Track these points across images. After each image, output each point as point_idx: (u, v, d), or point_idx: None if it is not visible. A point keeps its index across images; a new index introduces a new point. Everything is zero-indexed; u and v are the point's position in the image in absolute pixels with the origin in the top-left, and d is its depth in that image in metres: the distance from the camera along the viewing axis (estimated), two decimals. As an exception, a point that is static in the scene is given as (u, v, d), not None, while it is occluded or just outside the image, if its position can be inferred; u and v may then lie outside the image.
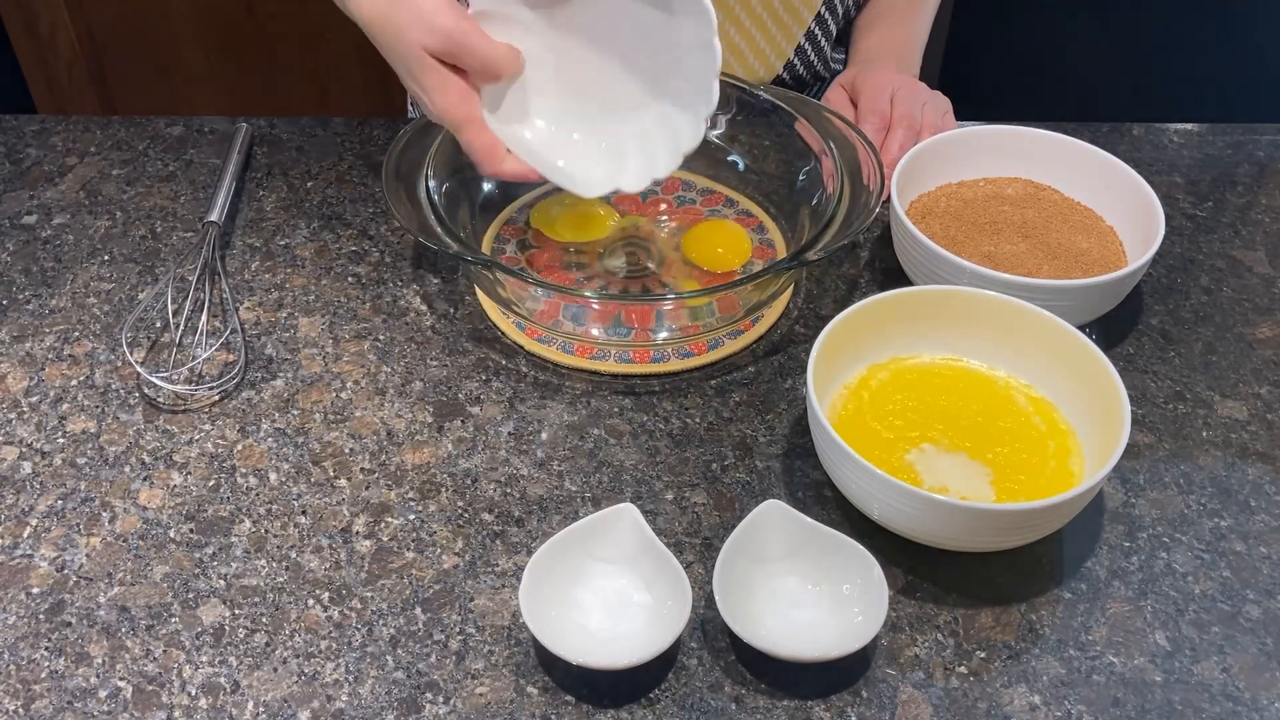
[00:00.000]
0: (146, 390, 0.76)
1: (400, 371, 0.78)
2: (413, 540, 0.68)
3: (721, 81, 0.92)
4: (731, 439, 0.74)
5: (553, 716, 0.60)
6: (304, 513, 0.69)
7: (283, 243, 0.88)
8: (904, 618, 0.64)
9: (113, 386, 0.77)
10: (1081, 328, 0.72)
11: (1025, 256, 0.81)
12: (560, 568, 0.63)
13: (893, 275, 0.87)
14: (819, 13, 0.98)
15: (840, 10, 1.02)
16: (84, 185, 0.93)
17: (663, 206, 0.90)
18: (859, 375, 0.74)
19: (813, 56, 1.01)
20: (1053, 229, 0.84)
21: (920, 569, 0.66)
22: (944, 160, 0.87)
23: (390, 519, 0.69)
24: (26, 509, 0.69)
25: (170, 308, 0.81)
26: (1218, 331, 0.83)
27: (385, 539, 0.68)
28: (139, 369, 0.76)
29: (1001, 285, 0.74)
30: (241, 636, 0.63)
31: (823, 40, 1.01)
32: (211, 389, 0.76)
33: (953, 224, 0.84)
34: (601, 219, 0.88)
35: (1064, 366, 0.71)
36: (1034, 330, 0.72)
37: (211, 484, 0.71)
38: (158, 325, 0.81)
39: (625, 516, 0.64)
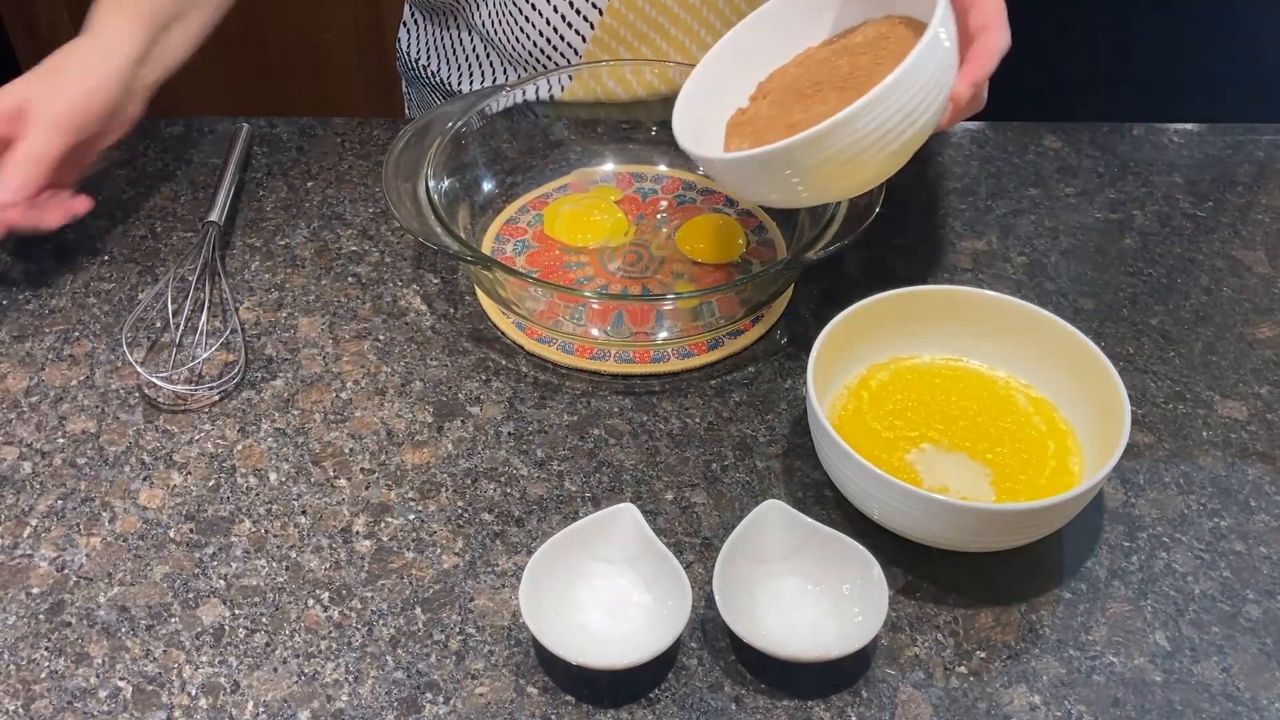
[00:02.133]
0: (146, 390, 0.76)
1: (400, 371, 0.78)
2: (413, 540, 0.68)
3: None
4: (731, 439, 0.74)
5: (553, 716, 0.60)
6: (304, 513, 0.69)
7: (283, 243, 0.88)
8: (904, 618, 0.64)
9: (113, 386, 0.76)
10: (1082, 328, 0.71)
11: None
12: (560, 568, 0.63)
13: (893, 275, 0.87)
14: None
15: None
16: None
17: (663, 204, 0.90)
18: (859, 375, 0.74)
19: None
20: None
21: (920, 569, 0.66)
22: None
23: (390, 519, 0.69)
24: (26, 509, 0.69)
25: (170, 308, 0.81)
26: (1218, 331, 0.83)
27: (385, 539, 0.68)
28: (139, 369, 0.76)
29: None
30: (241, 636, 0.63)
31: None
32: (211, 389, 0.76)
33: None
34: (602, 223, 0.88)
35: (1064, 366, 0.71)
36: (1034, 330, 0.72)
37: (211, 484, 0.71)
38: (158, 325, 0.81)
39: (625, 516, 0.64)
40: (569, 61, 0.96)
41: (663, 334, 0.79)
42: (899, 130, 0.67)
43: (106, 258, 0.87)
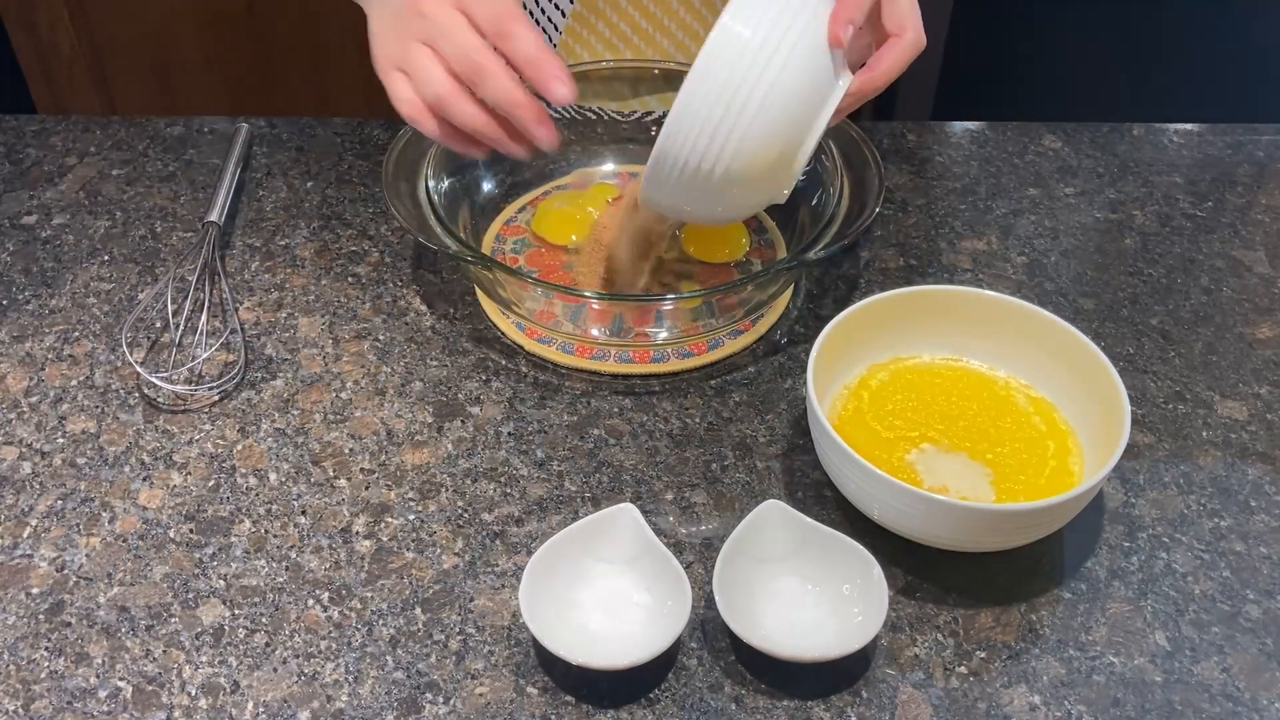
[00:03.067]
0: (146, 390, 0.76)
1: (400, 371, 0.78)
2: (413, 540, 0.68)
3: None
4: (731, 439, 0.74)
5: (553, 716, 0.60)
6: (304, 513, 0.69)
7: (283, 243, 0.88)
8: (904, 618, 0.64)
9: (113, 386, 0.76)
10: (1082, 328, 0.72)
11: None
12: (560, 568, 0.63)
13: (893, 275, 0.87)
14: None
15: None
16: (84, 185, 0.93)
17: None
18: (859, 375, 0.74)
19: None
20: None
21: (920, 569, 0.66)
22: None
23: (390, 519, 0.69)
24: (26, 509, 0.69)
25: (170, 308, 0.81)
26: (1218, 331, 0.83)
27: (385, 539, 0.68)
28: (139, 369, 0.76)
29: None
30: (241, 636, 0.63)
31: None
32: (211, 389, 0.76)
33: None
34: (592, 219, 0.88)
35: (1064, 366, 0.71)
36: (1034, 330, 0.72)
37: (211, 484, 0.71)
38: (158, 325, 0.81)
39: (625, 516, 0.64)
40: (549, 37, 0.96)
41: (663, 334, 0.79)
42: (756, 88, 0.65)
43: (106, 258, 0.87)
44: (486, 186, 0.90)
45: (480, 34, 0.68)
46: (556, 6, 0.96)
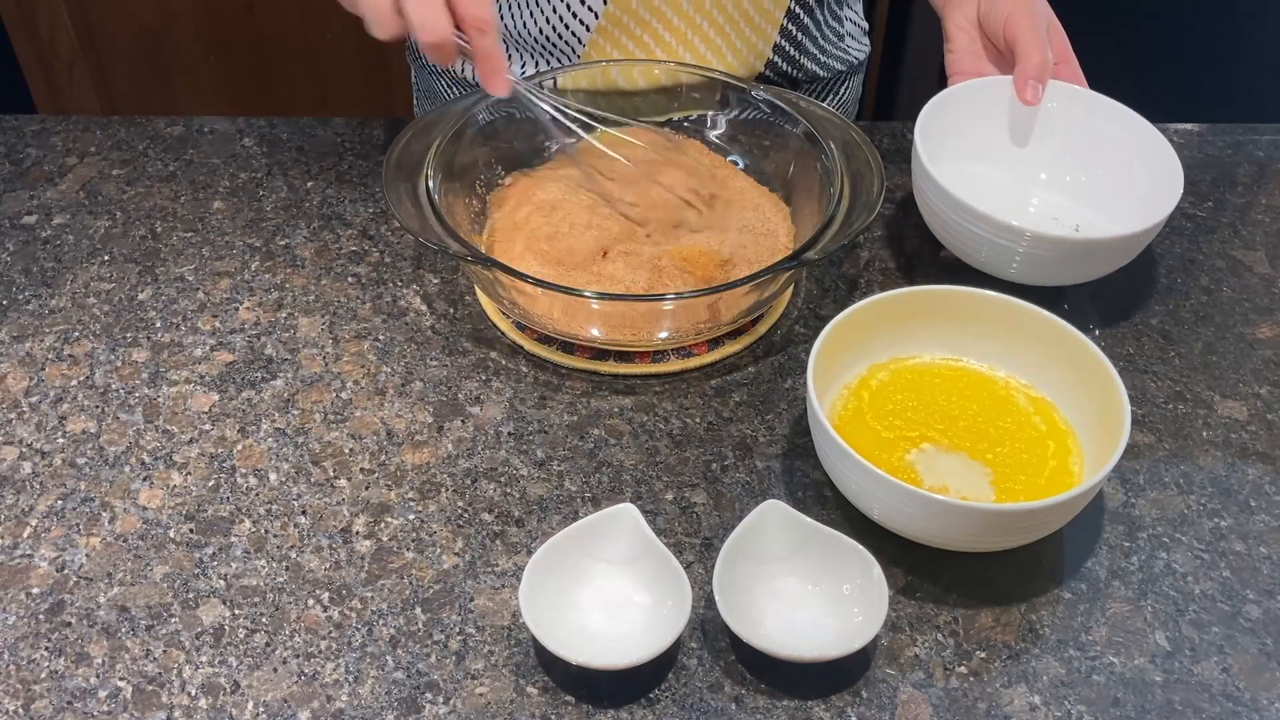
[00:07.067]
0: (147, 390, 0.76)
1: (400, 371, 0.78)
2: (413, 540, 0.68)
3: (721, 81, 0.92)
4: (731, 439, 0.74)
5: (553, 716, 0.60)
6: (304, 513, 0.69)
7: (283, 243, 0.88)
8: (904, 618, 0.64)
9: (113, 386, 0.77)
10: (1082, 328, 0.71)
11: None
12: (560, 568, 0.63)
13: (893, 275, 0.87)
14: (790, 9, 0.98)
15: (820, 8, 1.01)
16: (84, 185, 0.93)
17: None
18: (859, 375, 0.74)
19: (794, 53, 1.01)
20: None
21: (920, 569, 0.66)
22: None
23: (390, 519, 0.69)
24: (26, 509, 0.69)
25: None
26: (1218, 331, 0.83)
27: (385, 539, 0.68)
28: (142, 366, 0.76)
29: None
30: (241, 636, 0.63)
31: (801, 37, 1.00)
32: (211, 389, 0.76)
33: None
34: None
35: (1064, 366, 0.71)
36: (1034, 330, 0.72)
37: (211, 484, 0.71)
38: (157, 325, 0.81)
39: (625, 516, 0.64)
40: (573, 49, 0.96)
41: (663, 334, 0.79)
42: None
43: (106, 258, 0.87)
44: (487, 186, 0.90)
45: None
46: (589, 9, 0.94)
